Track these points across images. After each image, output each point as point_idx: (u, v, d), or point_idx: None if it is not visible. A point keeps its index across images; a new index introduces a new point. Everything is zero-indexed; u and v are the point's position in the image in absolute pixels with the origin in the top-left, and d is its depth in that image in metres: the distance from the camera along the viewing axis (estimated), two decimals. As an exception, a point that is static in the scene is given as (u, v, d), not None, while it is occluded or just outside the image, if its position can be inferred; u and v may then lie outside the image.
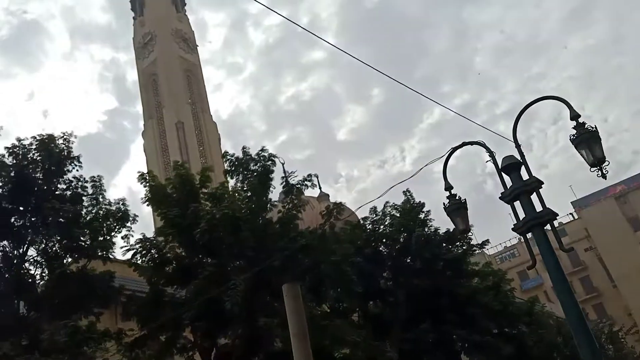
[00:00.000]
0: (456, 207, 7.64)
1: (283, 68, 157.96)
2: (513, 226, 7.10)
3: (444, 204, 7.77)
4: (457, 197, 7.72)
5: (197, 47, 59.77)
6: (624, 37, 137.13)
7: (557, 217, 7.06)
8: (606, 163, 6.60)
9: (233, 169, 14.18)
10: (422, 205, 21.76)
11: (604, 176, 6.62)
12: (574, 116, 6.86)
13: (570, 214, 67.91)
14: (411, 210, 21.60)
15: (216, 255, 12.91)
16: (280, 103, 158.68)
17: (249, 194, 13.95)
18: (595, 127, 6.71)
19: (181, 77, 55.65)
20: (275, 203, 14.38)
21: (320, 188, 45.70)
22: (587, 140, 6.67)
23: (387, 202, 22.44)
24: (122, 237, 14.27)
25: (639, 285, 55.65)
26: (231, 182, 15.10)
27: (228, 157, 14.39)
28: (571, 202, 69.91)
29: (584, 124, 6.77)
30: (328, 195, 45.79)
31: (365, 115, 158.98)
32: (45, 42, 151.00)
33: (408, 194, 22.40)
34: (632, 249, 57.76)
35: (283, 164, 15.79)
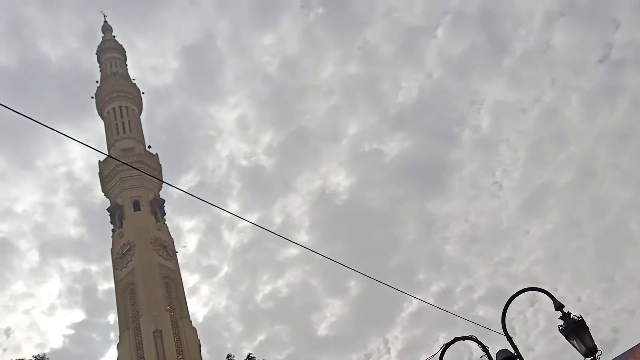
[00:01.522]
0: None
1: (258, 267, 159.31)
2: None
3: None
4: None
5: (176, 254, 60.53)
6: (579, 222, 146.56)
7: None
8: (599, 352, 6.65)
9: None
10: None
11: (599, 366, 6.61)
12: (559, 307, 7.06)
13: (571, 397, 64.31)
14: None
15: None
16: (257, 302, 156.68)
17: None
18: (581, 317, 6.89)
19: (160, 284, 55.18)
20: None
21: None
22: (575, 331, 6.79)
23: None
24: None
25: None
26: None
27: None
28: (570, 384, 66.74)
29: (569, 314, 6.95)
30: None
31: (345, 308, 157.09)
32: (14, 259, 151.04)
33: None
34: None
35: None
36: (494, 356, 7.42)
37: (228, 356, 13.89)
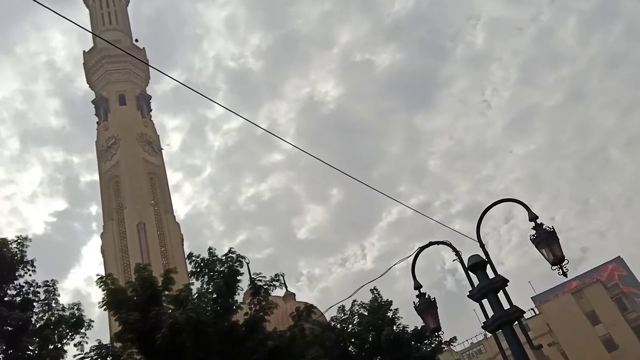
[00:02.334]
0: (426, 306, 7.77)
1: (242, 170, 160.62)
2: (483, 324, 7.24)
3: (414, 302, 7.89)
4: (426, 296, 7.87)
5: (162, 150, 60.59)
6: (561, 145, 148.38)
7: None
8: (566, 261, 6.95)
9: (198, 270, 13.99)
10: (390, 303, 21.72)
11: (564, 274, 6.95)
12: (532, 218, 7.29)
13: (531, 309, 68.47)
14: (379, 309, 21.48)
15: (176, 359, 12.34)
16: (239, 203, 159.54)
17: (214, 296, 13.67)
18: (553, 228, 7.13)
19: (144, 179, 55.70)
20: (242, 305, 14.09)
21: (286, 287, 44.95)
22: (546, 240, 7.05)
23: (354, 301, 22.31)
24: (75, 345, 13.57)
25: (603, 379, 55.51)
26: (196, 284, 14.81)
27: (193, 258, 14.23)
28: (531, 298, 70.86)
29: (542, 224, 7.18)
30: (294, 294, 44.87)
31: (325, 214, 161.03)
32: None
33: (375, 292, 22.38)
34: (592, 344, 58.40)
35: (248, 264, 15.64)
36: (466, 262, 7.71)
37: (209, 249, 14.28)
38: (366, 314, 21.61)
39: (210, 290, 13.77)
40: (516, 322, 7.05)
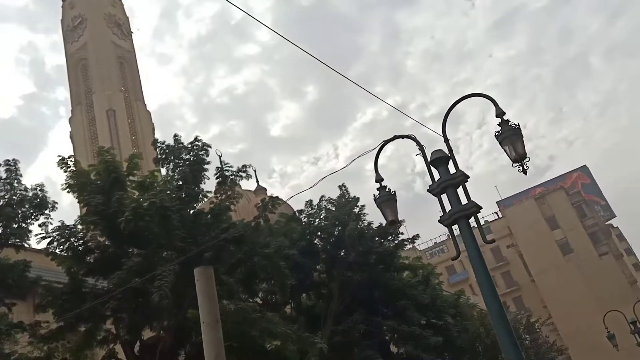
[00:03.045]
0: (386, 199, 7.75)
1: (215, 61, 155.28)
2: (439, 218, 7.29)
3: (374, 195, 7.86)
4: (387, 189, 7.84)
5: (132, 34, 57.78)
6: (542, 50, 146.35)
7: (484, 216, 7.32)
8: (527, 159, 6.88)
9: (164, 157, 13.74)
10: (357, 199, 22.05)
11: (524, 172, 6.91)
12: (499, 113, 7.11)
13: (495, 212, 71.25)
14: (346, 205, 21.83)
15: (143, 245, 12.45)
16: (212, 96, 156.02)
17: (180, 183, 13.56)
18: (518, 125, 6.99)
19: (114, 63, 53.56)
20: (208, 194, 14.06)
21: (257, 181, 45.36)
22: (510, 137, 6.93)
23: (322, 196, 22.60)
24: (40, 225, 13.51)
25: (554, 280, 59.29)
26: (162, 172, 14.65)
27: (159, 144, 13.92)
28: (496, 202, 73.48)
29: (508, 121, 7.03)
30: (265, 189, 45.45)
31: (300, 112, 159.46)
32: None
33: (343, 188, 22.63)
34: (548, 247, 61.73)
35: (220, 157, 15.41)
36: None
37: (175, 136, 13.95)
38: (333, 209, 21.98)
39: (175, 177, 13.62)
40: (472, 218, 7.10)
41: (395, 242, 22.52)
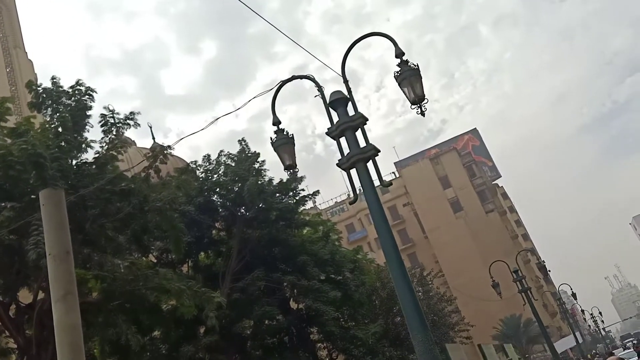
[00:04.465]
0: (283, 142, 7.37)
1: (105, 12, 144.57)
2: (338, 161, 7.04)
3: (271, 138, 7.44)
4: (284, 132, 7.44)
5: (8, -28, 51.74)
6: (436, 16, 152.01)
7: (382, 175, 7.10)
8: (425, 101, 6.76)
9: (40, 101, 12.33)
10: (257, 155, 21.50)
11: (422, 113, 6.79)
12: (399, 54, 6.90)
13: (392, 172, 73.90)
14: (246, 160, 21.24)
15: (16, 198, 11.20)
16: (102, 49, 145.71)
17: (60, 131, 12.27)
18: (417, 65, 6.82)
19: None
20: (92, 143, 12.87)
21: (153, 138, 43.25)
22: (409, 78, 6.76)
23: (221, 151, 21.82)
24: None
25: (446, 236, 63.04)
26: (40, 118, 13.20)
27: (34, 87, 12.46)
28: (394, 163, 76.17)
29: (407, 61, 6.84)
30: (162, 145, 43.46)
31: (197, 70, 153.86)
32: None
33: (243, 143, 21.98)
34: (441, 205, 65.33)
35: (113, 112, 13.93)
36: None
37: (52, 78, 12.53)
38: (232, 164, 21.32)
39: (54, 123, 12.31)
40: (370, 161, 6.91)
41: (296, 198, 22.38)
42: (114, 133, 12.65)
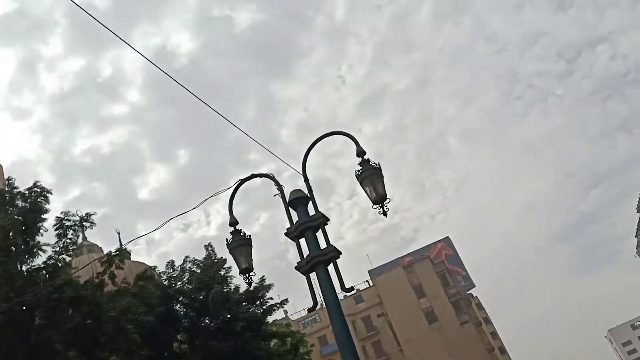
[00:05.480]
0: (240, 244, 6.94)
1: (79, 119, 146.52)
2: (297, 264, 6.62)
3: (226, 239, 7.03)
4: (241, 233, 7.05)
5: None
6: (406, 128, 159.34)
7: (355, 284, 6.75)
8: (388, 200, 6.54)
9: (-8, 203, 11.80)
10: (224, 261, 20.82)
11: (384, 213, 6.53)
12: (360, 152, 6.78)
13: (366, 281, 72.63)
14: (212, 266, 20.52)
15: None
16: (74, 155, 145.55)
17: (11, 234, 11.62)
18: (379, 164, 6.68)
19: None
20: (45, 247, 12.19)
21: (121, 244, 41.96)
22: (370, 177, 6.58)
23: (186, 257, 21.10)
24: None
25: (420, 348, 60.71)
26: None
27: (-13, 189, 11.99)
28: (368, 271, 75.18)
29: (368, 160, 6.71)
30: (129, 252, 42.10)
31: (170, 176, 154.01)
32: None
33: (209, 248, 21.36)
34: (415, 315, 63.63)
35: (67, 213, 13.38)
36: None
37: (8, 179, 12.12)
38: (198, 271, 20.55)
39: (3, 226, 11.67)
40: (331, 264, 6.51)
41: (264, 307, 21.42)
42: (69, 236, 12.04)
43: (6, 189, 11.87)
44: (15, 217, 11.35)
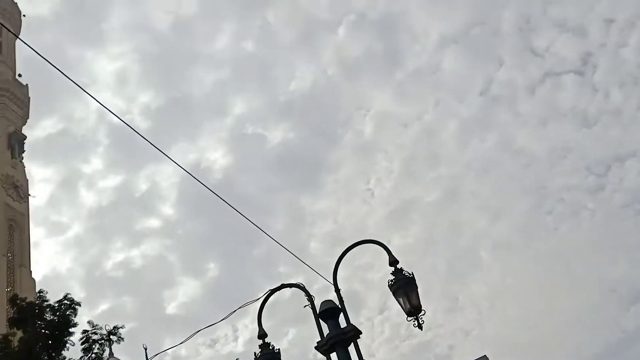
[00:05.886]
0: (269, 357, 6.65)
1: (114, 233, 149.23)
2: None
3: (254, 353, 6.75)
4: (270, 347, 6.78)
5: (29, 197, 55.24)
6: (436, 240, 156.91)
7: None
8: (423, 312, 6.28)
9: (21, 316, 11.76)
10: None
11: (419, 326, 6.25)
12: (393, 262, 6.65)
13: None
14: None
15: None
16: (105, 269, 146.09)
17: (38, 348, 11.43)
18: (412, 274, 6.50)
19: (2, 225, 49.95)
20: (71, 362, 11.91)
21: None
22: (404, 287, 6.39)
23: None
24: None
25: None
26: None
27: (18, 302, 12.00)
28: (403, 390, 70.71)
29: (401, 269, 6.55)
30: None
31: (198, 290, 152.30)
32: None
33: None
34: None
35: (95, 326, 13.23)
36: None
37: (39, 292, 12.20)
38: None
39: (30, 340, 11.53)
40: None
41: None
42: (95, 351, 11.79)
43: (36, 302, 11.87)
44: (43, 331, 11.22)
